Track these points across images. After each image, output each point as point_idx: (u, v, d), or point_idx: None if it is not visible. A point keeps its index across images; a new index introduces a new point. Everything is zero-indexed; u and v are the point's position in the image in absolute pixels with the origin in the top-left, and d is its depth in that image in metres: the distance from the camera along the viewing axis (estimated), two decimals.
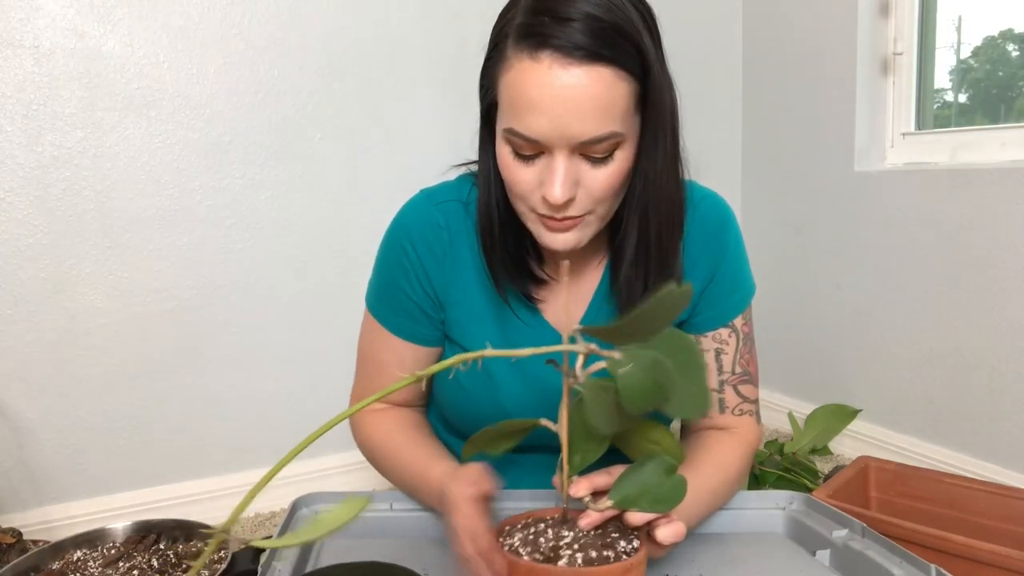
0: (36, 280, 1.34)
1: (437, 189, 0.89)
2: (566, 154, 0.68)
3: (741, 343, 0.88)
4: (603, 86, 0.65)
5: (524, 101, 0.66)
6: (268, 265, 1.53)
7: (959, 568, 0.97)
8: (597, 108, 0.66)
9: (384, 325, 0.89)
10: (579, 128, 0.66)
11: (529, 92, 0.66)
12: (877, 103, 1.71)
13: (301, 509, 0.84)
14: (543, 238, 0.75)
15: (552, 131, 0.66)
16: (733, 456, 0.85)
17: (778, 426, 1.96)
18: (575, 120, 0.66)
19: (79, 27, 1.33)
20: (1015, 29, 1.55)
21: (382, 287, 0.89)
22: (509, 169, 0.72)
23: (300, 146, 1.53)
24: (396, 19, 1.57)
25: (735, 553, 0.78)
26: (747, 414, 0.90)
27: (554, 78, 0.65)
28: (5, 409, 1.35)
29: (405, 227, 0.87)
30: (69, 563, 0.89)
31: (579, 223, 0.74)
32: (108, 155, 1.37)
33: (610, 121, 0.67)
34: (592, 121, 0.66)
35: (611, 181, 0.71)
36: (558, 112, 0.65)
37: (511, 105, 0.68)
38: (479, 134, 0.79)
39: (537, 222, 0.74)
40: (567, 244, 0.74)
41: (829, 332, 1.83)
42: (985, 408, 1.49)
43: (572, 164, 0.69)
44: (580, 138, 0.67)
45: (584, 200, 0.71)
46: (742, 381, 0.89)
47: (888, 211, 1.64)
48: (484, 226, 0.81)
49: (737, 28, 2.01)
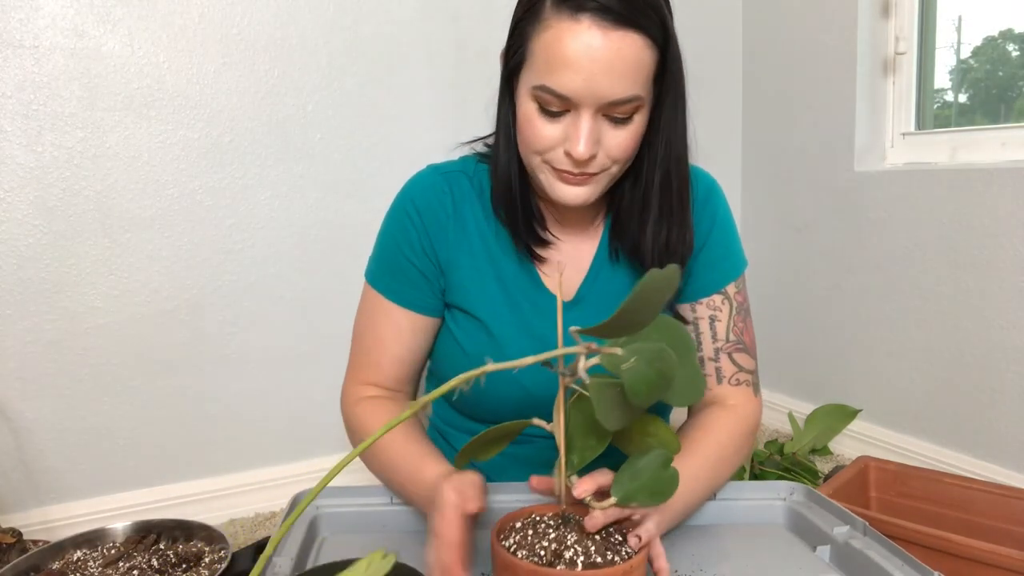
0: (36, 280, 1.34)
1: (441, 164, 0.94)
2: (591, 113, 0.73)
3: (735, 311, 0.91)
4: (634, 50, 0.71)
5: (561, 59, 0.71)
6: (268, 265, 1.53)
7: (960, 568, 0.97)
8: (627, 71, 0.71)
9: (384, 293, 0.91)
10: (609, 88, 0.71)
11: (567, 50, 0.70)
12: (877, 103, 1.71)
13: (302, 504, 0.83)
14: (556, 190, 0.80)
15: (584, 89, 0.71)
16: (729, 436, 0.86)
17: (778, 426, 1.96)
18: (606, 80, 0.71)
19: (79, 27, 1.33)
20: (1015, 29, 1.55)
21: (384, 255, 0.92)
22: (533, 125, 0.76)
23: (300, 146, 1.53)
24: (396, 19, 1.57)
25: (735, 546, 0.78)
26: (744, 384, 0.91)
27: (592, 38, 0.70)
28: (5, 409, 1.35)
29: (409, 193, 0.91)
30: (69, 563, 0.89)
31: (592, 178, 0.78)
32: (108, 155, 1.37)
33: (636, 84, 0.73)
34: (620, 83, 0.71)
35: (629, 142, 0.77)
36: (593, 71, 0.70)
37: (546, 62, 0.72)
38: (499, 94, 0.84)
39: (552, 174, 0.79)
40: (578, 198, 0.80)
41: (829, 332, 1.83)
42: (985, 408, 1.49)
43: (596, 123, 0.74)
44: (609, 98, 0.72)
45: (603, 158, 0.77)
46: (737, 349, 0.90)
47: (888, 211, 1.64)
48: (503, 180, 0.85)
49: (737, 28, 2.01)
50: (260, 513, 1.53)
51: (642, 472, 0.62)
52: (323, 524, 0.82)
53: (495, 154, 0.86)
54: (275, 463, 1.56)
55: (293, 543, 0.73)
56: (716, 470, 0.83)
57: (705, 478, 0.81)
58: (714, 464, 0.83)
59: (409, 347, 0.92)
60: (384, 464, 0.84)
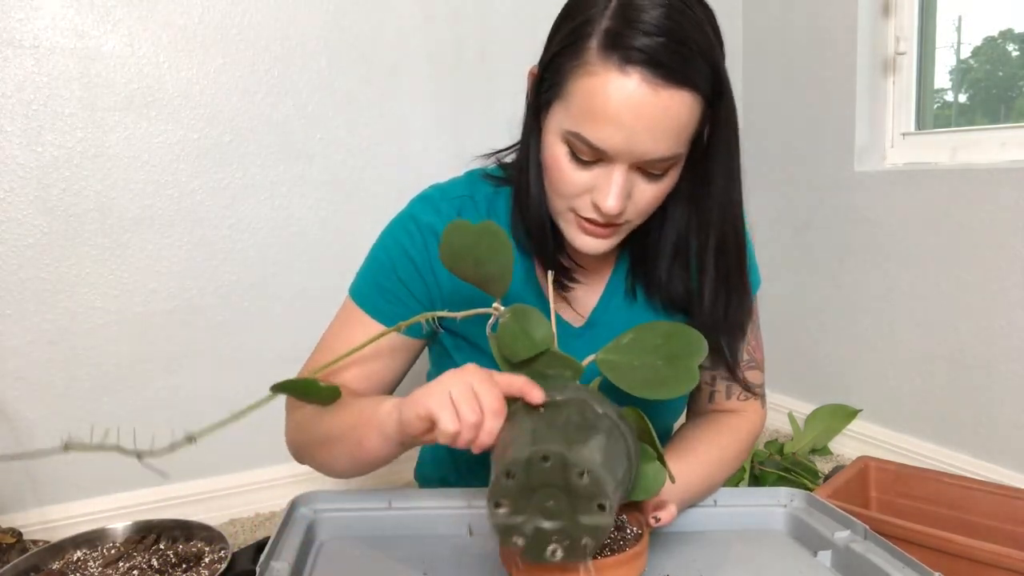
0: (36, 280, 1.34)
1: (447, 185, 0.89)
2: (626, 168, 0.69)
3: (748, 332, 0.90)
4: (684, 109, 0.66)
5: (602, 111, 0.66)
6: (268, 265, 1.53)
7: (960, 569, 0.97)
8: (671, 130, 0.67)
9: (368, 311, 0.85)
10: (651, 147, 0.67)
11: (609, 104, 0.65)
12: (877, 103, 1.71)
13: (300, 508, 0.83)
14: (575, 239, 0.76)
15: (624, 146, 0.66)
16: (735, 437, 0.87)
17: (778, 426, 1.96)
18: (649, 140, 0.66)
19: (79, 27, 1.33)
20: (1015, 29, 1.55)
21: (375, 274, 0.86)
22: (561, 170, 0.71)
23: (300, 146, 1.53)
24: (396, 19, 1.57)
25: (736, 552, 0.77)
26: (752, 399, 0.92)
27: (641, 96, 0.64)
28: (5, 409, 1.35)
29: (416, 217, 0.85)
30: (69, 563, 0.89)
31: (616, 231, 0.75)
32: (108, 155, 1.37)
33: (679, 143, 0.68)
34: (664, 142, 0.67)
35: (659, 196, 0.73)
36: (636, 129, 0.65)
37: (585, 111, 0.67)
38: (524, 122, 0.79)
39: (573, 223, 0.75)
40: (598, 249, 0.76)
41: (829, 332, 1.83)
42: (985, 408, 1.49)
43: (628, 177, 0.70)
44: (648, 156, 0.67)
45: (630, 212, 0.73)
46: (748, 368, 0.91)
47: (888, 211, 1.64)
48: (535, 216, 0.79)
49: (737, 28, 2.01)
50: (260, 513, 1.53)
51: None
52: (321, 528, 0.82)
53: (523, 185, 0.80)
54: (275, 463, 1.56)
55: (291, 547, 0.73)
56: (719, 468, 0.84)
57: (706, 475, 0.82)
58: (717, 461, 0.84)
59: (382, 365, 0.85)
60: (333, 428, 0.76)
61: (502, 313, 0.63)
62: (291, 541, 0.74)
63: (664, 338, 0.64)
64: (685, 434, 0.89)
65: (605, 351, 0.65)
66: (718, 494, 0.85)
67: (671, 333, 0.64)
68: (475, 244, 0.62)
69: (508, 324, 0.62)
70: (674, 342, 0.64)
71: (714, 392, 0.91)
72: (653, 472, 0.62)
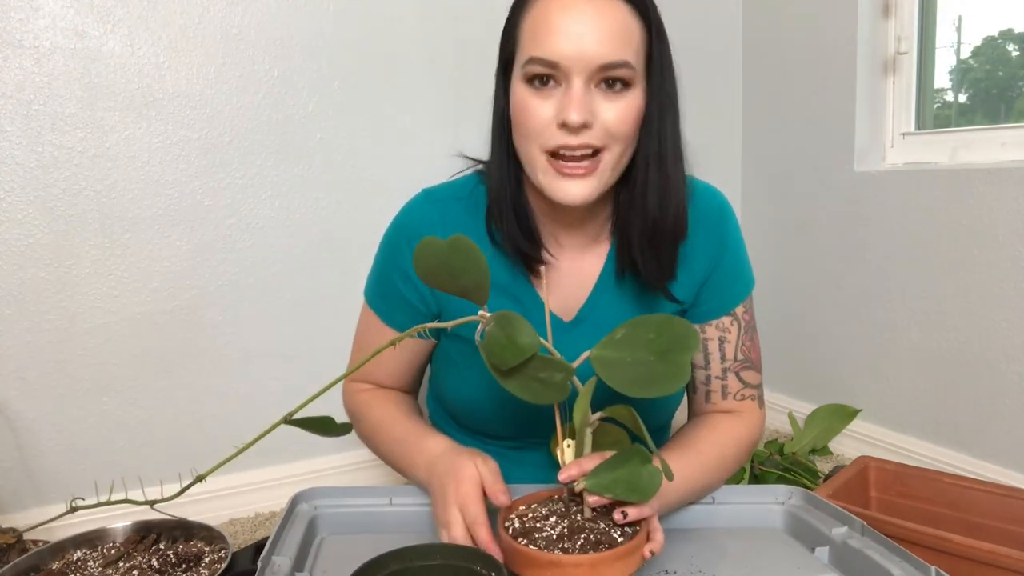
0: (36, 280, 1.34)
1: (437, 188, 0.91)
2: (583, 80, 0.72)
3: (743, 331, 0.91)
4: (620, 15, 0.73)
5: (546, 26, 0.72)
6: (269, 265, 1.53)
7: (959, 568, 0.97)
8: (614, 33, 0.72)
9: (380, 316, 0.93)
10: (596, 50, 0.71)
11: (552, 17, 0.72)
12: (877, 103, 1.71)
13: (300, 504, 0.84)
14: (556, 188, 0.76)
15: (572, 51, 0.71)
16: (731, 438, 0.87)
17: (778, 426, 1.96)
18: (594, 42, 0.71)
19: (79, 27, 1.33)
20: (1015, 29, 1.55)
21: (380, 283, 0.93)
22: (526, 108, 0.75)
23: (300, 146, 1.53)
24: (396, 19, 1.57)
25: (734, 549, 0.78)
26: (749, 399, 0.92)
27: (578, 3, 0.72)
28: (5, 409, 1.35)
29: (402, 227, 0.90)
30: (69, 563, 0.89)
31: (592, 170, 0.75)
32: (108, 155, 1.37)
33: (625, 49, 0.73)
34: (608, 44, 0.72)
35: (624, 116, 0.74)
36: (579, 32, 0.71)
37: (533, 35, 0.74)
38: (494, 96, 0.83)
39: (551, 171, 0.76)
40: (579, 194, 0.76)
41: (829, 332, 1.83)
42: (985, 408, 1.49)
43: (588, 93, 0.73)
44: (597, 60, 0.72)
45: (599, 132, 0.74)
46: (744, 368, 0.91)
47: (888, 211, 1.64)
48: (496, 187, 0.83)
49: (737, 28, 2.01)
50: (260, 513, 1.53)
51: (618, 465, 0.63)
52: (322, 524, 0.82)
53: (489, 160, 0.84)
54: (275, 463, 1.56)
55: (292, 543, 0.73)
56: (716, 468, 0.84)
57: (701, 475, 0.82)
58: (714, 462, 0.84)
59: (399, 362, 0.95)
60: (386, 439, 0.88)
61: (487, 321, 0.63)
62: (292, 536, 0.74)
63: (656, 331, 0.64)
64: (683, 434, 0.90)
65: (599, 347, 0.64)
66: (716, 491, 0.85)
67: (663, 325, 0.64)
68: (447, 260, 0.63)
69: (493, 332, 0.62)
70: (666, 335, 0.63)
71: (710, 392, 0.92)
72: (649, 474, 0.62)
